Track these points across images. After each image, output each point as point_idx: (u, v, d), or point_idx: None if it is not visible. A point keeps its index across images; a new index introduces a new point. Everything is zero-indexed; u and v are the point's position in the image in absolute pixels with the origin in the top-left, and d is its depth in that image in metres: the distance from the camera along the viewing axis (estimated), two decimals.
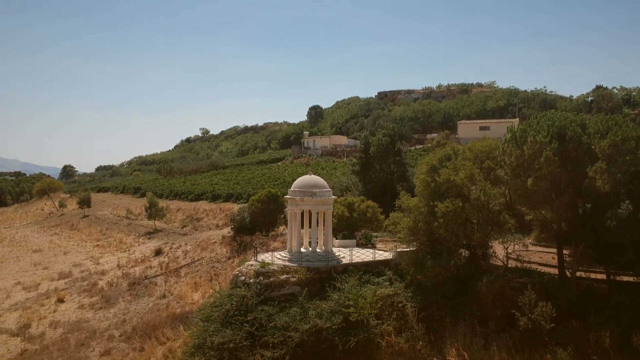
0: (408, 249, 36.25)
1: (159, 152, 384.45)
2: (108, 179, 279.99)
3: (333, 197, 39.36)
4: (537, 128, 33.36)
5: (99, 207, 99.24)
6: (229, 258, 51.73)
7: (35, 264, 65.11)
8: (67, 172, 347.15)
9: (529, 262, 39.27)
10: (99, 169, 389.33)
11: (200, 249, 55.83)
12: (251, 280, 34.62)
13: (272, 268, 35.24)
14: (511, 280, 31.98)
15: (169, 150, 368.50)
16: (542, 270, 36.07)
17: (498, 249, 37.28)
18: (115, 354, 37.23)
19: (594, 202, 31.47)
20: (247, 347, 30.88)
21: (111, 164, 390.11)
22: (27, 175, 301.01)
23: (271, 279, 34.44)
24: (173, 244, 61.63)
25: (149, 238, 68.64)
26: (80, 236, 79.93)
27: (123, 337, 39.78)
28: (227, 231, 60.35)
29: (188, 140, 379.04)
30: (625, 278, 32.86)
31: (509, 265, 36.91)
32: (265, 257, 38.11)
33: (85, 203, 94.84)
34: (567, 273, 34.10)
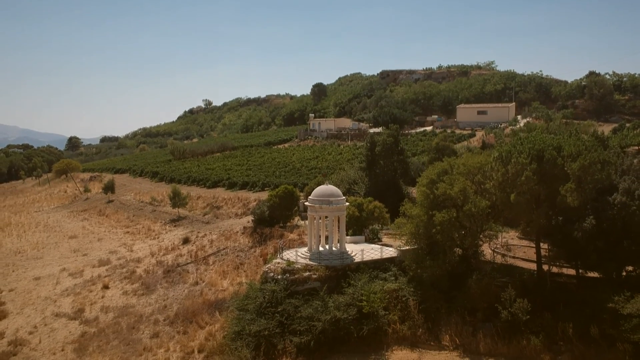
0: (410, 248, 42.79)
1: (162, 123, 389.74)
2: (114, 151, 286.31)
3: (346, 203, 45.80)
4: (520, 149, 39.85)
5: (121, 191, 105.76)
6: (251, 247, 58.36)
7: (74, 251, 72.06)
8: (73, 143, 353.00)
9: (513, 257, 46.23)
10: (103, 140, 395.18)
11: (225, 238, 62.50)
12: (279, 277, 41.28)
13: (296, 266, 41.90)
14: (496, 278, 38.69)
15: (173, 122, 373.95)
16: (524, 266, 42.92)
17: (487, 249, 44.10)
18: (163, 336, 44.02)
19: (565, 215, 37.97)
20: (278, 334, 37.66)
21: (115, 135, 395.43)
22: (35, 147, 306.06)
23: (296, 276, 41.11)
24: (199, 232, 68.35)
25: (175, 226, 75.42)
26: (110, 222, 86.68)
27: (167, 322, 46.60)
28: (246, 220, 66.86)
29: (191, 111, 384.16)
30: (591, 274, 39.27)
31: (496, 261, 43.79)
32: (290, 255, 44.68)
33: (109, 189, 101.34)
34: (544, 268, 40.96)
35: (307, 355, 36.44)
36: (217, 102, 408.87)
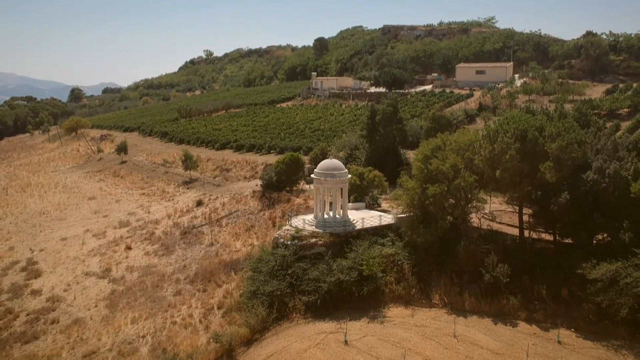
0: (406, 215, 47.54)
1: (164, 73, 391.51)
2: (117, 103, 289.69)
3: (348, 176, 50.30)
4: (506, 128, 44.11)
5: (133, 152, 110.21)
6: (261, 210, 63.26)
7: (95, 212, 77.15)
8: (75, 95, 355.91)
9: (499, 223, 51.15)
10: (106, 91, 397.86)
11: (235, 202, 67.37)
12: (288, 243, 46.24)
13: (303, 233, 46.82)
14: (481, 245, 43.44)
15: (174, 73, 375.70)
16: (508, 232, 47.79)
17: (475, 217, 48.91)
18: (185, 294, 49.31)
19: (544, 189, 42.52)
20: (289, 294, 42.88)
21: (115, 83, 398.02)
22: (38, 99, 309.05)
23: (303, 242, 46.06)
24: (211, 195, 73.21)
25: (188, 188, 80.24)
26: (125, 183, 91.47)
27: (187, 280, 51.88)
28: (254, 184, 71.65)
29: (192, 62, 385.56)
30: (567, 240, 44.06)
31: (484, 227, 48.62)
32: (297, 222, 49.50)
33: (122, 150, 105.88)
34: (526, 234, 45.86)
35: (314, 312, 41.67)
36: (218, 52, 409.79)
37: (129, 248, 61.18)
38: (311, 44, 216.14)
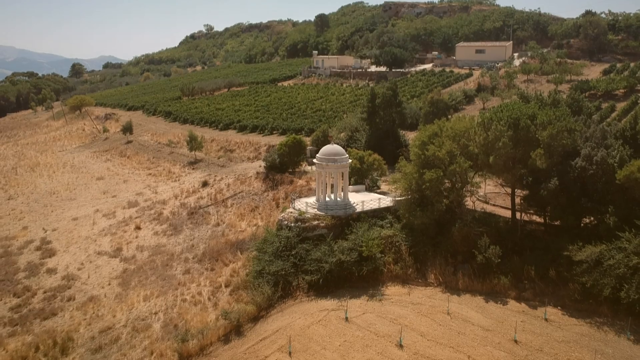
0: (404, 198, 49.83)
1: (164, 48, 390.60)
2: (119, 79, 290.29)
3: (349, 161, 52.40)
4: (500, 116, 46.12)
5: (138, 132, 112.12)
6: (265, 192, 65.57)
7: (103, 192, 79.54)
8: (77, 70, 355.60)
9: (493, 205, 53.47)
10: (107, 66, 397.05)
11: (240, 183, 69.64)
12: (292, 225, 48.61)
13: (306, 216, 49.18)
14: (474, 227, 45.78)
15: (175, 48, 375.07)
16: (501, 214, 50.13)
17: (470, 199, 51.16)
18: (194, 273, 51.83)
19: (535, 175, 44.72)
20: (293, 274, 45.33)
21: (115, 56, 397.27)
22: (39, 75, 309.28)
23: (306, 224, 48.41)
24: (216, 175, 75.46)
25: (193, 169, 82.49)
26: (132, 163, 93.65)
27: (196, 260, 54.39)
28: (258, 165, 73.85)
29: (192, 36, 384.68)
30: (556, 223, 46.38)
31: (478, 209, 50.91)
32: (300, 205, 51.83)
33: (128, 130, 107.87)
34: (518, 215, 48.18)
35: (317, 290, 44.12)
36: (219, 27, 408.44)
37: (138, 228, 63.61)
38: (312, 19, 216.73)
